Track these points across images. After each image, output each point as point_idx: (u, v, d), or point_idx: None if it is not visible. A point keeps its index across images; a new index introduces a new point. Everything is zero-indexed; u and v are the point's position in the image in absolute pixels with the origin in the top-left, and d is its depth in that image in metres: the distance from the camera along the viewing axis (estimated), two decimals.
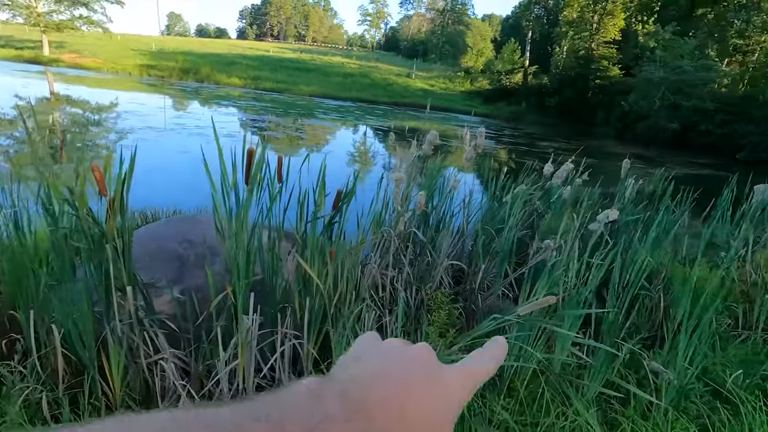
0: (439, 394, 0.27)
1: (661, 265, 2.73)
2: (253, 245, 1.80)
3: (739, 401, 1.80)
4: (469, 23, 61.83)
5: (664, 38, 21.28)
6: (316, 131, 14.03)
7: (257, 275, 1.89)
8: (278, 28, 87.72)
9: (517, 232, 2.35)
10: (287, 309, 1.95)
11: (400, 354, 0.29)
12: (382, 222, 2.34)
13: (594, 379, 1.71)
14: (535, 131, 22.29)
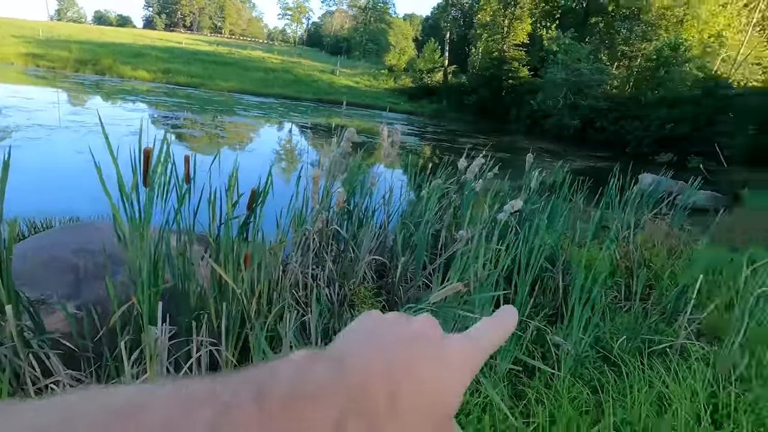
0: (445, 365, 0.25)
1: (561, 248, 3.03)
2: (160, 251, 1.69)
3: (622, 363, 2.07)
4: (390, 22, 62.79)
5: (564, 43, 23.44)
6: (238, 129, 13.39)
7: (167, 282, 1.78)
8: (191, 18, 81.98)
9: (434, 224, 2.47)
10: (203, 316, 1.86)
11: (402, 325, 0.27)
12: (303, 220, 2.32)
13: (503, 358, 1.85)
14: (456, 128, 23.36)
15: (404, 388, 0.23)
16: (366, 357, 0.24)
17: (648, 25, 25.73)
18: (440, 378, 0.24)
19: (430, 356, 0.25)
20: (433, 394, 0.24)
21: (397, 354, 0.24)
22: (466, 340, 0.27)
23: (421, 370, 0.24)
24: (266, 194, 1.64)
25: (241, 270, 1.66)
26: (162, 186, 1.59)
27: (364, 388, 0.22)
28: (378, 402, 0.22)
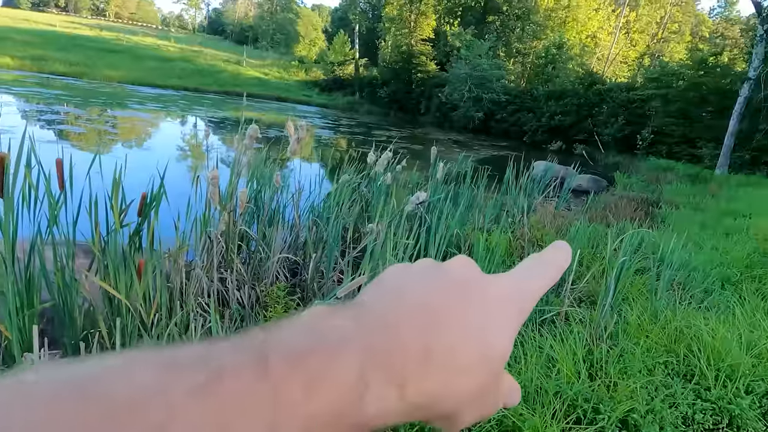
0: (489, 309, 0.22)
1: (465, 233, 3.26)
2: (32, 267, 1.49)
3: (519, 334, 2.30)
4: (298, 11, 61.16)
5: (466, 39, 24.88)
6: (133, 124, 12.10)
7: (45, 302, 1.59)
8: None
9: (346, 219, 2.50)
10: (95, 334, 1.69)
11: (433, 270, 0.24)
12: (207, 223, 2.21)
13: None
14: (369, 121, 23.64)
15: (442, 339, 0.20)
16: (393, 307, 0.21)
17: (537, 25, 28.35)
18: (486, 324, 0.21)
19: (470, 301, 0.22)
20: (479, 342, 0.21)
21: (430, 301, 0.21)
22: (513, 281, 0.24)
23: (461, 318, 0.21)
24: (159, 198, 1.53)
25: (134, 281, 1.54)
26: (28, 195, 1.40)
27: (392, 340, 0.19)
28: (409, 356, 0.19)
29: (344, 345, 0.18)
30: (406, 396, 0.19)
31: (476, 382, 0.21)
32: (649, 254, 3.70)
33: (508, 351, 0.22)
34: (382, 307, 0.21)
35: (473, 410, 0.22)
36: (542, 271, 0.26)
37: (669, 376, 2.09)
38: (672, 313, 2.54)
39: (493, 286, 0.23)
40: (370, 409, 0.18)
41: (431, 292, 0.22)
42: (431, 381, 0.19)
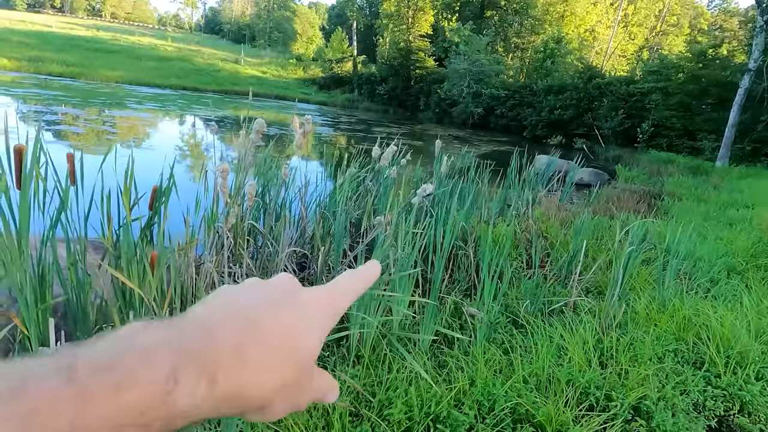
0: (301, 314, 0.25)
1: (471, 226, 3.26)
2: (45, 261, 1.49)
3: (528, 324, 2.31)
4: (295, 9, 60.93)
5: (465, 34, 24.79)
6: (131, 123, 12.07)
7: (58, 297, 1.59)
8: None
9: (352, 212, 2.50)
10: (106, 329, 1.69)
11: (254, 284, 0.27)
12: (215, 217, 2.20)
13: (425, 331, 1.96)
14: (369, 118, 23.58)
15: (253, 339, 0.22)
16: (212, 314, 0.23)
17: (535, 19, 28.26)
18: (296, 326, 0.25)
19: (282, 307, 0.25)
20: (290, 340, 0.24)
21: (247, 308, 0.24)
22: (324, 290, 0.28)
23: (273, 321, 0.24)
24: (169, 192, 1.53)
25: (148, 274, 1.54)
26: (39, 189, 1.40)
27: (206, 341, 0.21)
28: (221, 354, 0.21)
29: (154, 349, 0.20)
30: (216, 390, 0.21)
31: (284, 377, 0.23)
32: (654, 245, 3.71)
33: (316, 350, 0.25)
34: (201, 315, 0.23)
35: (283, 402, 0.24)
36: (351, 283, 0.30)
37: (679, 363, 2.09)
38: (680, 302, 2.55)
39: (305, 295, 0.27)
40: (180, 403, 0.20)
41: (249, 301, 0.25)
42: (241, 376, 0.22)
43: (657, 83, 17.12)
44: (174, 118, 15.01)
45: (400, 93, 28.77)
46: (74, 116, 11.80)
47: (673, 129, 16.23)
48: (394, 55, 29.68)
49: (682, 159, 13.19)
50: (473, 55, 22.96)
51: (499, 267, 2.30)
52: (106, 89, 20.00)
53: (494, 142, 17.74)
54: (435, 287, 2.03)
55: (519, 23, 28.77)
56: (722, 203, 6.43)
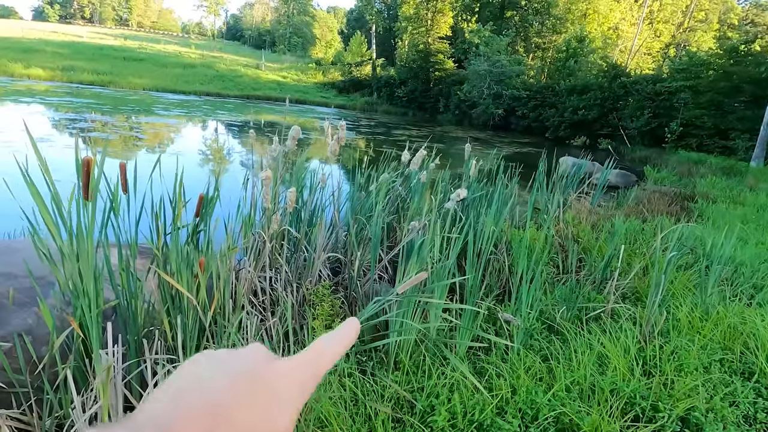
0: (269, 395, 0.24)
1: (502, 231, 3.23)
2: (97, 267, 1.55)
3: (565, 331, 2.27)
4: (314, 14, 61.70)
5: (485, 35, 24.62)
6: (157, 130, 12.43)
7: (109, 301, 1.65)
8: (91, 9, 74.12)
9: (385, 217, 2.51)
10: (154, 332, 1.75)
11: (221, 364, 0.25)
12: (252, 224, 2.25)
13: (463, 337, 1.95)
14: (389, 120, 23.64)
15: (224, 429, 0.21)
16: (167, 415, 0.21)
17: (557, 18, 27.81)
18: (264, 412, 0.23)
19: (251, 392, 0.24)
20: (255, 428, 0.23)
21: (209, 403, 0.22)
22: (296, 362, 0.27)
23: (240, 412, 0.22)
24: (215, 201, 1.57)
25: (197, 276, 1.58)
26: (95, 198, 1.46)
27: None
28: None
29: None
30: None
31: None
32: (693, 249, 3.59)
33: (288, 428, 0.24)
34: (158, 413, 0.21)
35: None
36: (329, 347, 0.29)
37: (726, 373, 2.02)
38: (724, 309, 2.46)
39: (277, 370, 0.26)
40: None
41: (212, 390, 0.23)
42: None
43: (686, 81, 16.60)
44: (198, 123, 15.37)
45: (419, 95, 28.75)
46: (104, 123, 12.22)
47: (703, 128, 15.70)
48: (413, 58, 29.68)
49: (713, 159, 12.74)
50: (493, 56, 22.76)
51: (535, 273, 2.27)
52: (135, 96, 20.65)
53: (516, 144, 17.51)
54: (472, 294, 2.02)
55: (540, 23, 28.38)
56: (760, 205, 6.18)
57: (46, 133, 9.24)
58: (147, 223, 1.71)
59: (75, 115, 12.96)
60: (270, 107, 23.55)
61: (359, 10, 49.57)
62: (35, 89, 18.31)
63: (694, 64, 17.24)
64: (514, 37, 27.26)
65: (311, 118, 20.34)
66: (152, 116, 14.92)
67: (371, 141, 14.91)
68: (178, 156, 7.23)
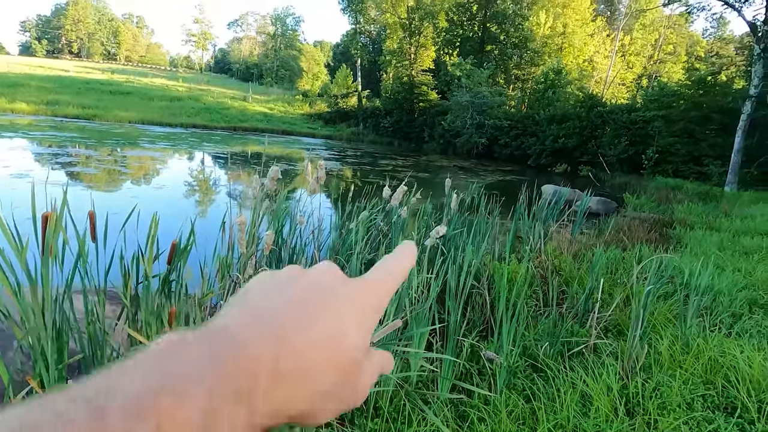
0: (342, 311, 0.24)
1: (484, 265, 3.24)
2: (62, 319, 1.50)
3: (548, 369, 2.25)
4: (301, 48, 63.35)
5: (466, 68, 25.50)
6: (142, 162, 12.37)
7: (75, 355, 1.58)
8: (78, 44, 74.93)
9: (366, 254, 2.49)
10: None
11: (294, 276, 0.26)
12: (229, 266, 2.21)
13: (443, 388, 1.91)
14: (375, 150, 23.97)
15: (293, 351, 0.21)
16: (246, 323, 0.21)
17: (534, 52, 29.05)
18: (337, 330, 0.23)
19: (315, 310, 0.23)
20: (331, 345, 0.22)
21: (283, 313, 0.22)
22: (364, 282, 0.27)
23: (312, 325, 0.22)
24: (189, 250, 1.55)
25: (168, 326, 1.53)
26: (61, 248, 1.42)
27: (242, 361, 0.20)
28: (259, 372, 0.20)
29: (189, 382, 0.18)
30: (256, 414, 0.20)
31: (328, 383, 0.22)
32: (672, 279, 3.64)
33: (361, 349, 0.24)
34: (233, 326, 0.21)
35: (330, 405, 0.23)
36: (392, 269, 0.29)
37: (710, 409, 2.01)
38: (704, 341, 2.47)
39: (344, 290, 0.25)
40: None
41: (286, 304, 0.23)
42: (281, 393, 0.20)
43: (659, 111, 17.32)
44: (184, 155, 15.35)
45: (404, 125, 29.34)
46: (87, 156, 12.13)
47: (678, 155, 16.28)
48: (398, 90, 30.48)
49: (689, 185, 13.14)
50: (475, 88, 23.51)
51: (516, 308, 2.26)
52: (120, 129, 20.62)
53: (499, 172, 17.85)
54: (452, 336, 2.00)
55: (519, 56, 29.58)
56: (735, 231, 6.35)
57: (26, 167, 9.11)
58: (119, 270, 1.67)
59: (58, 149, 12.86)
60: (257, 138, 23.72)
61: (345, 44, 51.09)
62: (18, 123, 18.18)
63: (665, 94, 18.05)
64: (495, 69, 28.30)
65: (298, 149, 20.53)
66: (137, 149, 14.88)
67: (357, 171, 15.05)
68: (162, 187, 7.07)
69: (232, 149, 17.71)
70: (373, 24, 39.91)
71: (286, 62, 60.10)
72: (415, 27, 30.53)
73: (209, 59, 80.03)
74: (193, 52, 79.80)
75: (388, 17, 32.46)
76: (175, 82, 43.88)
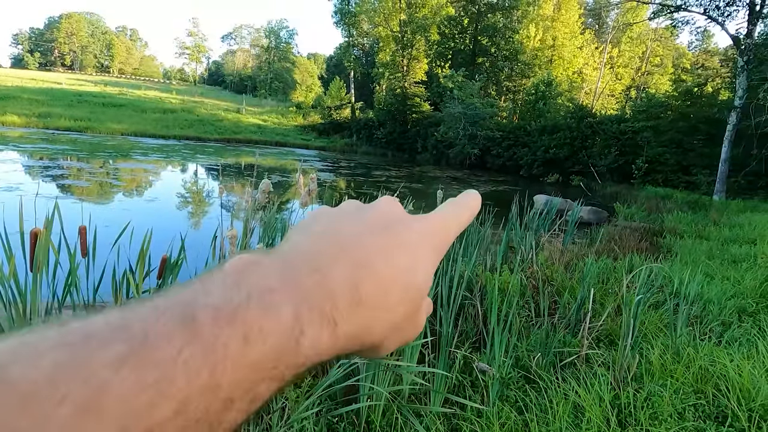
0: (410, 247, 0.24)
1: (476, 275, 3.25)
2: None
3: (540, 380, 2.25)
4: (294, 61, 63.84)
5: (458, 80, 25.83)
6: (135, 174, 12.31)
7: None
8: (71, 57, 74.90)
9: None
10: None
11: (358, 212, 0.25)
12: None
13: (434, 402, 1.91)
14: (368, 161, 24.07)
15: (369, 278, 0.21)
16: (321, 250, 0.22)
17: (525, 64, 29.53)
18: (408, 262, 0.23)
19: (394, 240, 0.23)
20: (403, 277, 0.22)
21: (356, 242, 0.23)
22: (430, 221, 0.26)
23: (386, 256, 0.22)
24: (180, 266, 1.54)
25: None
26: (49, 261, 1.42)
27: (322, 283, 0.20)
28: (339, 297, 0.20)
29: (274, 296, 0.19)
30: (338, 334, 0.20)
31: (400, 315, 0.22)
32: (662, 288, 3.67)
33: (428, 285, 0.24)
34: (309, 250, 0.22)
35: (397, 338, 0.24)
36: (458, 214, 0.28)
37: (701, 419, 2.02)
38: (694, 350, 2.49)
39: (416, 225, 0.25)
40: (306, 350, 0.19)
41: (357, 233, 0.23)
42: (360, 317, 0.21)
43: (647, 121, 17.62)
44: (177, 167, 15.30)
45: (397, 137, 29.53)
46: (79, 169, 12.05)
47: (667, 164, 16.53)
48: (391, 101, 30.74)
49: (679, 194, 13.33)
50: (467, 99, 23.78)
51: (508, 319, 2.27)
52: (112, 141, 20.55)
53: (492, 182, 17.99)
54: (444, 348, 2.00)
55: (509, 68, 30.03)
56: (724, 239, 6.43)
57: (16, 181, 9.02)
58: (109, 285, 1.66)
59: (49, 161, 12.77)
60: (250, 150, 23.73)
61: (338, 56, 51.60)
62: (8, 136, 18.04)
63: (653, 105, 18.39)
64: (486, 81, 28.70)
65: (292, 160, 20.56)
66: (130, 161, 14.82)
67: (351, 182, 15.09)
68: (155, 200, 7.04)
69: (225, 161, 17.70)
70: (366, 37, 40.38)
71: (280, 74, 60.49)
72: (408, 40, 30.94)
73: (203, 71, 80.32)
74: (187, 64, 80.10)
75: (380, 30, 32.89)
76: (168, 94, 43.91)
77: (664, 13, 15.81)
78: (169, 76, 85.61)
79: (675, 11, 14.98)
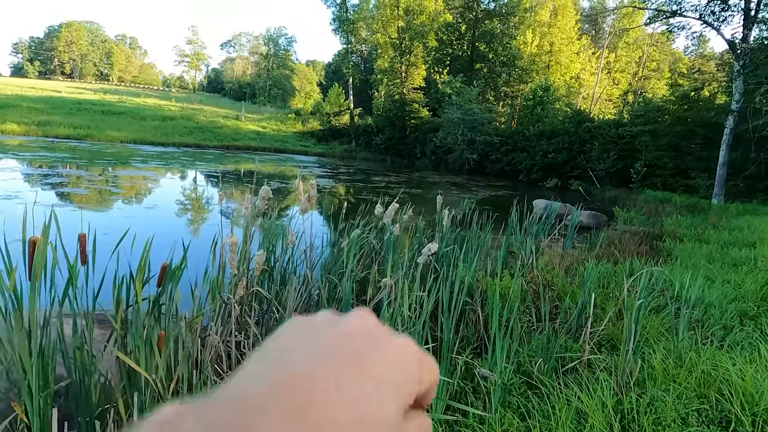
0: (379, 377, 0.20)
1: (476, 280, 3.24)
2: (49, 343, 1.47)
3: (542, 385, 2.24)
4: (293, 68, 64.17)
5: (456, 86, 25.96)
6: (134, 182, 12.31)
7: (61, 381, 1.55)
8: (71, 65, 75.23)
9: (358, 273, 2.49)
10: (109, 410, 1.64)
11: (325, 333, 0.22)
12: (220, 287, 2.20)
13: (436, 410, 1.90)
14: (367, 167, 24.10)
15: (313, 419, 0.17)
16: (259, 393, 0.18)
17: (522, 70, 29.70)
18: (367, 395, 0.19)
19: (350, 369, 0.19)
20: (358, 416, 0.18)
21: (305, 387, 0.18)
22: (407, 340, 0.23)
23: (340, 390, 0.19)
24: (181, 273, 1.54)
25: (158, 349, 1.51)
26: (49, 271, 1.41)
27: None
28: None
29: None
30: None
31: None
32: (663, 292, 3.67)
33: (397, 416, 0.20)
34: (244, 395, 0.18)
35: None
36: None
37: (704, 424, 2.00)
38: (696, 354, 2.48)
39: (387, 351, 0.21)
40: None
41: (313, 363, 0.19)
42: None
43: (645, 126, 17.69)
44: (176, 174, 15.31)
45: (396, 142, 29.61)
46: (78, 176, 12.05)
47: (665, 168, 16.57)
48: (390, 107, 30.85)
49: (678, 197, 13.35)
50: (465, 105, 23.88)
51: (509, 324, 2.26)
52: (112, 149, 20.57)
53: (491, 187, 18.01)
54: (446, 354, 1.99)
55: (507, 74, 30.21)
56: (724, 242, 6.43)
57: (15, 189, 9.02)
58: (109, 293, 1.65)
59: (48, 169, 12.77)
60: (250, 156, 23.76)
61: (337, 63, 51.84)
62: (8, 144, 18.06)
63: (651, 109, 18.48)
64: (484, 86, 28.84)
65: (291, 167, 20.58)
66: (129, 168, 14.83)
67: (350, 188, 15.10)
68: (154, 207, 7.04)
69: (224, 168, 17.73)
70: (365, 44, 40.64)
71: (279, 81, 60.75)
72: (406, 46, 31.13)
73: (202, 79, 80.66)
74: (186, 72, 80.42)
75: (378, 37, 33.10)
76: (167, 101, 44.06)
77: (660, 18, 15.95)
78: (168, 83, 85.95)
79: (671, 16, 15.10)
